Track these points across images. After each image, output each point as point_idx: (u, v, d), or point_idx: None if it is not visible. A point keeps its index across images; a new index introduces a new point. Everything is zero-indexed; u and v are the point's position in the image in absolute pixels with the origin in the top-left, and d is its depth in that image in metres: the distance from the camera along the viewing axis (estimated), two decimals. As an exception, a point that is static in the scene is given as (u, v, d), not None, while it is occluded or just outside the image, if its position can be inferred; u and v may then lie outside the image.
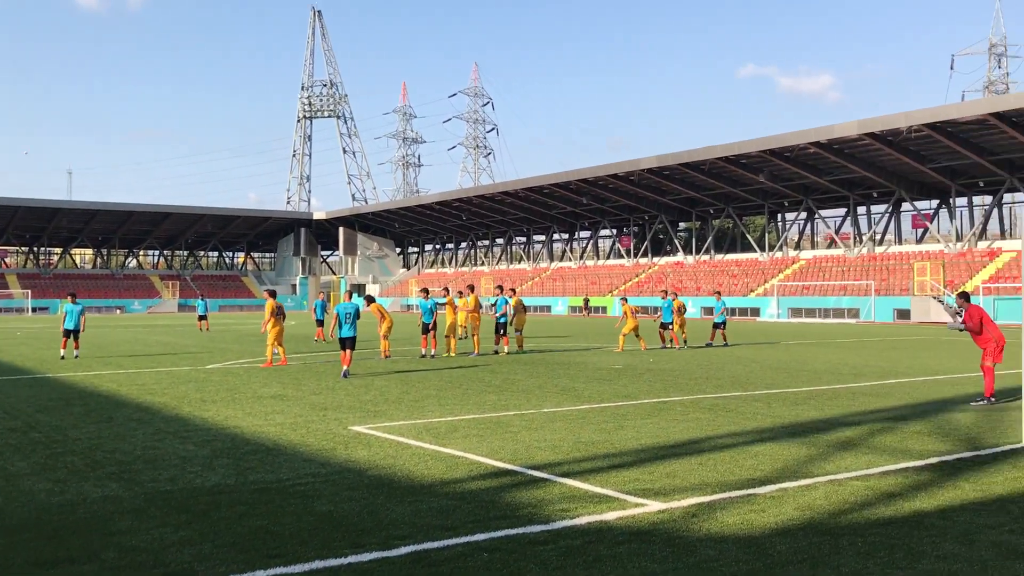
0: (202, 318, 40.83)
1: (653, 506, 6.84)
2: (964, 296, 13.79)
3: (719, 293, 31.10)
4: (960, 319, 13.45)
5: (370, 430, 10.66)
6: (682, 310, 27.61)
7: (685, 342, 27.75)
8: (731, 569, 5.30)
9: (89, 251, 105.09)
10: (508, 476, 8.03)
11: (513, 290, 26.77)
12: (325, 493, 7.32)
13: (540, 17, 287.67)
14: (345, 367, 17.70)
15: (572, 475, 8.01)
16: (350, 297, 19.21)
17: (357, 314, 18.37)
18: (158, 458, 8.90)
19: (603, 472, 8.16)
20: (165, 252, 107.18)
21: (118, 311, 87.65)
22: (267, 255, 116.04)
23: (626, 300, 26.85)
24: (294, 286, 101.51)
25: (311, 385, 15.96)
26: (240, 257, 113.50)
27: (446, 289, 26.14)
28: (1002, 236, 59.59)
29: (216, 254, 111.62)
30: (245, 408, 12.80)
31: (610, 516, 6.54)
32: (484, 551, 5.66)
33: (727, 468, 8.33)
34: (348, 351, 17.91)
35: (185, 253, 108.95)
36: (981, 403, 12.96)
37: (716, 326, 28.89)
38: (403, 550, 5.68)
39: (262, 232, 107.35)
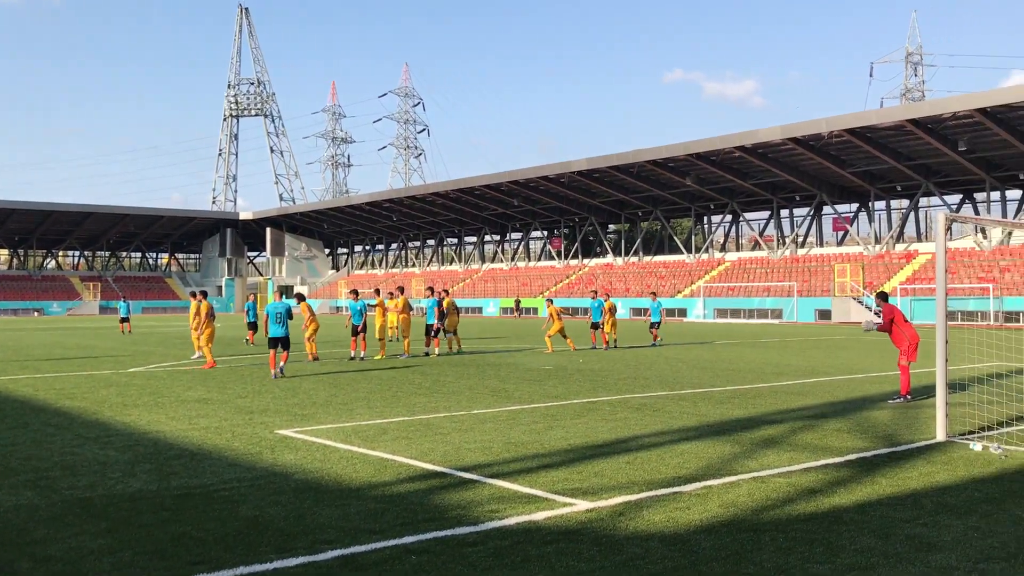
0: (124, 320, 39.83)
1: (581, 505, 6.90)
2: (883, 296, 14.29)
3: (655, 294, 31.81)
4: (873, 325, 13.90)
5: (297, 433, 10.53)
6: (613, 311, 27.99)
7: (615, 343, 28.05)
8: (656, 567, 5.38)
9: (4, 252, 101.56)
10: (437, 478, 8.01)
11: (446, 291, 26.79)
12: (250, 498, 7.21)
13: (470, 20, 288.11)
14: (281, 364, 17.72)
15: (502, 476, 8.03)
16: (281, 296, 19.13)
17: (289, 314, 18.24)
18: (77, 464, 8.65)
19: (532, 472, 8.20)
20: (86, 253, 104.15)
21: (36, 313, 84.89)
22: (192, 256, 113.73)
23: (551, 302, 26.99)
24: (220, 287, 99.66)
25: (237, 388, 15.69)
26: (164, 258, 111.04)
27: (376, 291, 25.92)
28: (918, 239, 61.59)
29: (139, 255, 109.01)
30: (168, 412, 12.52)
31: (539, 516, 6.58)
32: (412, 553, 5.64)
33: (654, 467, 8.45)
34: (283, 351, 17.82)
35: (107, 254, 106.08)
36: (898, 400, 13.37)
37: (652, 326, 29.60)
38: (330, 554, 5.62)
39: (187, 232, 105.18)
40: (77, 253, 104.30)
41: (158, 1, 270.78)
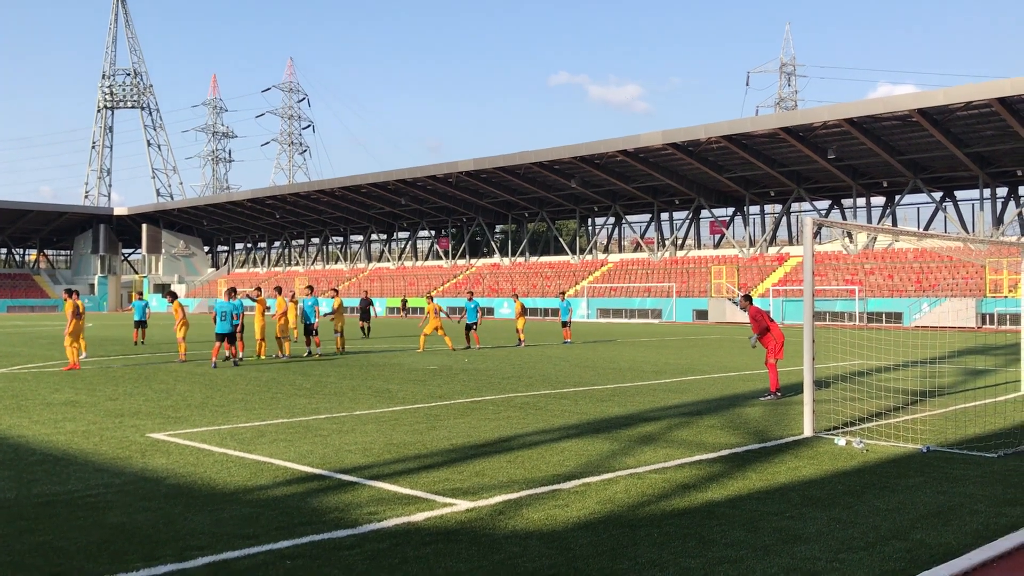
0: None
1: (461, 505, 6.90)
2: (747, 298, 14.86)
3: (563, 294, 32.61)
4: (755, 338, 14.30)
5: (170, 437, 10.17)
6: (524, 311, 29.01)
7: (520, 341, 28.94)
8: (534, 565, 5.42)
9: None
10: (316, 481, 7.87)
11: (335, 290, 26.49)
12: (118, 504, 6.93)
13: (357, 16, 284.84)
14: (231, 355, 20.46)
15: (382, 477, 7.96)
16: (231, 296, 21.02)
17: (236, 312, 20.59)
18: (-73, 473, 8.13)
19: (413, 473, 8.15)
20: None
21: None
22: (63, 253, 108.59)
23: (432, 299, 26.97)
24: (92, 285, 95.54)
25: (107, 390, 15.06)
26: (32, 255, 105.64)
27: (258, 289, 25.28)
28: (790, 242, 64.13)
29: (5, 251, 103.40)
30: (32, 416, 11.92)
31: (419, 517, 6.54)
32: (287, 559, 5.52)
33: (534, 465, 8.52)
34: (226, 343, 20.25)
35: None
36: (768, 398, 13.87)
37: (564, 324, 30.82)
38: (200, 561, 5.45)
39: (57, 228, 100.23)
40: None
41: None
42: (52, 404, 13.22)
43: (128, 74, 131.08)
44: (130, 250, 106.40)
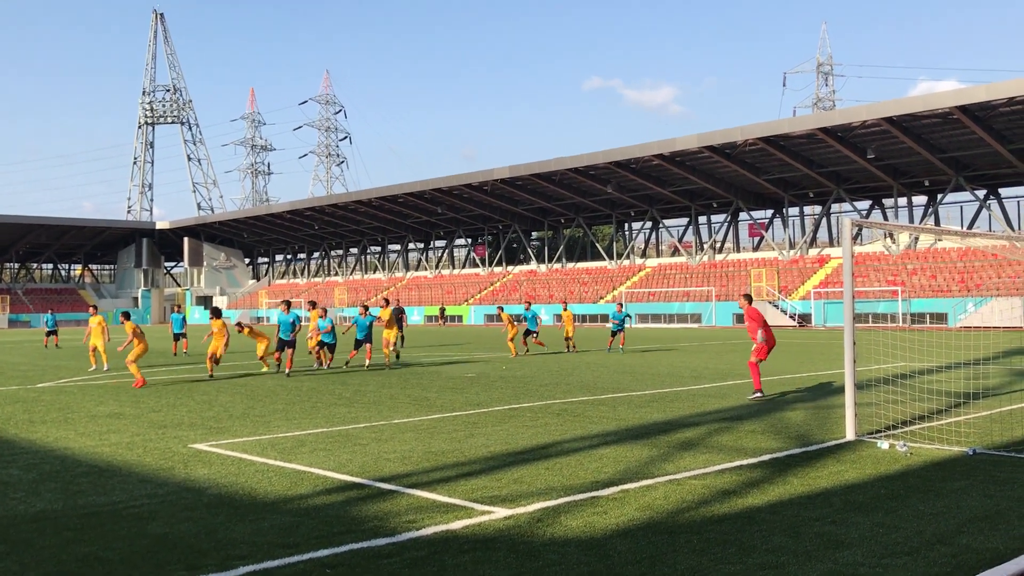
0: (50, 333, 38.84)
1: (499, 513, 6.89)
2: (748, 297, 14.92)
3: (621, 304, 32.42)
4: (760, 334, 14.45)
5: (212, 447, 10.29)
6: (573, 319, 29.80)
7: (573, 346, 29.45)
8: (572, 572, 5.39)
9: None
10: (355, 489, 7.91)
11: (387, 300, 26.44)
12: (161, 514, 7.01)
13: (391, 27, 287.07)
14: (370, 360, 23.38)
15: (421, 486, 7.98)
16: (366, 312, 23.73)
17: (371, 324, 23.39)
18: (-24, 485, 8.29)
19: (452, 481, 8.16)
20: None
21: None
22: (107, 267, 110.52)
23: (502, 309, 28.41)
24: (136, 299, 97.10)
25: (151, 403, 15.27)
26: (77, 269, 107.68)
27: (312, 303, 25.14)
28: (830, 244, 63.41)
29: (51, 266, 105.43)
30: (78, 428, 12.12)
31: (457, 525, 6.54)
32: (327, 567, 5.55)
33: (572, 472, 8.49)
34: (368, 345, 23.25)
35: (16, 265, 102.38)
36: (756, 396, 14.05)
37: (613, 333, 30.17)
38: (242, 570, 5.50)
39: (101, 243, 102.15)
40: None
41: (68, 5, 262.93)
42: (97, 416, 13.43)
43: (168, 90, 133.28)
44: (172, 263, 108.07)
